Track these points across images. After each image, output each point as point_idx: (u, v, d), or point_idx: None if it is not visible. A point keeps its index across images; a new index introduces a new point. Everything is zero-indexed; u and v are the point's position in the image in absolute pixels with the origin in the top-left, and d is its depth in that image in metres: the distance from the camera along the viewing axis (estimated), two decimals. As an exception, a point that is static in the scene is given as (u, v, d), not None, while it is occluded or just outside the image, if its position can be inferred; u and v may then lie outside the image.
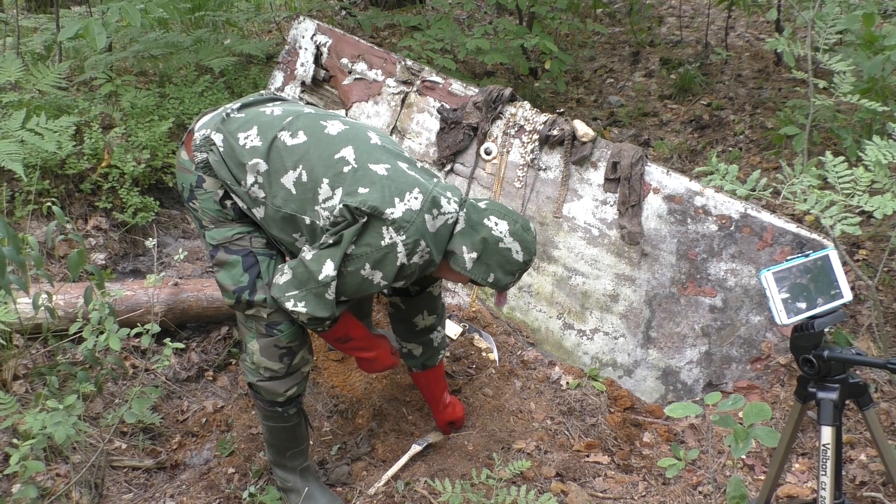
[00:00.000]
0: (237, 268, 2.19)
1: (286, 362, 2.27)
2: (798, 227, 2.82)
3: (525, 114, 3.20)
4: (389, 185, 2.04)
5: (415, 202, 2.05)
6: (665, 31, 6.27)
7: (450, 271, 2.22)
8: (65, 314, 2.82)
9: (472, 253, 2.12)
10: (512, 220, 2.14)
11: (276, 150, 2.11)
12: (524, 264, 2.16)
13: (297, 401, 2.38)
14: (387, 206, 2.01)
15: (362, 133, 2.18)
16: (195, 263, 3.63)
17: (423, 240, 2.06)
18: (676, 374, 2.97)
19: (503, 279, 2.15)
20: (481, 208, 2.16)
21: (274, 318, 2.22)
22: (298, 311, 2.10)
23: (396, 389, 3.00)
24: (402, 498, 2.49)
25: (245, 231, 2.20)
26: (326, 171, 2.06)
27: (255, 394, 2.35)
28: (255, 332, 2.25)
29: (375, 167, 2.07)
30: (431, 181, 2.14)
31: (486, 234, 2.11)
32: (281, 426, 2.38)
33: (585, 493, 2.51)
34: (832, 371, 1.72)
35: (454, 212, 2.14)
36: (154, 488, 2.62)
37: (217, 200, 2.18)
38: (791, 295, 1.71)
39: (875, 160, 2.34)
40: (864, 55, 3.30)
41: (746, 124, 4.63)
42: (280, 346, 2.25)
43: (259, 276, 2.20)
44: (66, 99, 3.85)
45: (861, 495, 2.45)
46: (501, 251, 2.12)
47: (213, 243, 2.21)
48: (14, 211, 3.34)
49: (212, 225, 2.21)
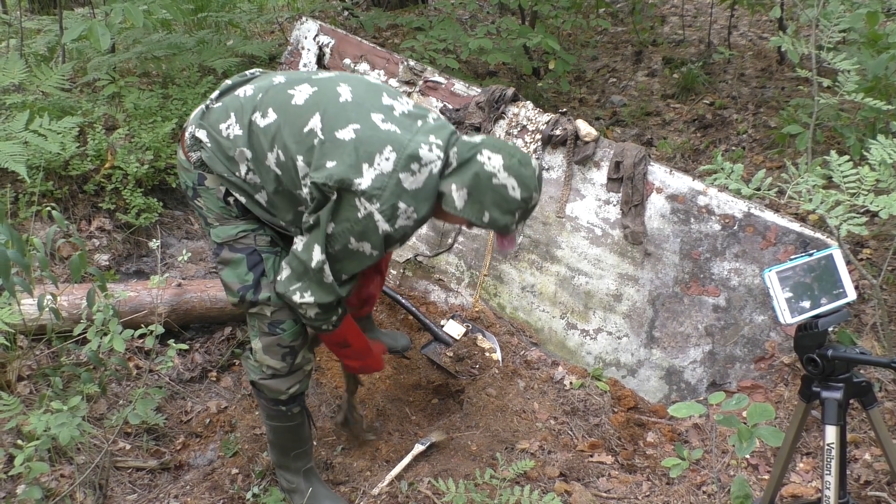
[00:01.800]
0: (242, 266, 2.18)
1: (288, 361, 2.27)
2: (802, 226, 2.82)
3: (528, 114, 3.20)
4: (357, 149, 1.93)
5: (386, 164, 1.93)
6: (668, 31, 6.26)
7: (445, 213, 2.07)
8: (69, 315, 2.83)
9: (463, 190, 1.97)
10: (507, 153, 1.97)
11: (254, 135, 2.06)
12: (523, 202, 1.98)
13: (300, 399, 2.37)
14: (354, 175, 1.91)
15: (331, 92, 2.04)
16: (198, 264, 3.63)
17: (401, 202, 1.94)
18: (680, 374, 2.96)
19: (501, 219, 1.99)
20: (474, 143, 2.00)
21: (277, 317, 2.21)
22: (307, 301, 2.07)
23: (399, 390, 3.00)
24: (406, 498, 2.49)
25: (249, 229, 2.19)
26: (299, 147, 1.99)
27: (258, 392, 2.35)
28: (258, 331, 2.25)
29: (342, 133, 1.95)
30: (410, 130, 1.99)
31: (477, 169, 1.96)
32: (284, 426, 2.38)
33: (589, 493, 2.51)
34: (836, 370, 1.72)
35: (438, 158, 1.99)
36: (158, 489, 2.63)
37: (220, 197, 2.16)
38: (795, 294, 1.71)
39: (880, 159, 2.33)
40: (867, 54, 3.30)
41: (749, 123, 4.63)
42: (283, 345, 2.24)
43: (263, 273, 2.19)
44: (69, 100, 3.86)
45: (865, 494, 2.44)
46: (496, 188, 1.95)
47: (218, 241, 2.19)
48: (18, 212, 3.35)
49: (217, 222, 2.19)
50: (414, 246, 3.43)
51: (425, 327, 3.18)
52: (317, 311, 2.11)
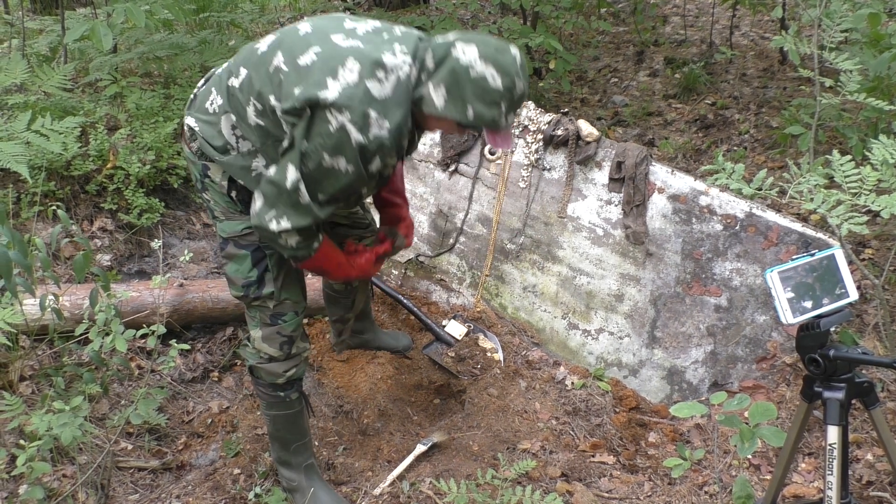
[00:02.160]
0: (246, 262, 2.20)
1: (286, 350, 2.31)
2: (803, 226, 2.81)
3: (529, 114, 3.19)
4: (320, 67, 1.89)
5: (350, 74, 1.86)
6: (669, 31, 6.26)
7: (430, 119, 1.99)
8: (71, 315, 2.83)
9: (441, 88, 1.89)
10: (482, 42, 1.88)
11: (233, 98, 2.04)
12: (506, 91, 1.87)
13: (298, 385, 2.40)
14: (320, 90, 1.86)
15: (292, 31, 2.02)
16: (200, 264, 3.64)
17: (371, 110, 1.87)
18: (682, 374, 2.96)
19: (486, 112, 1.88)
20: (447, 41, 1.91)
21: (279, 310, 2.25)
22: (284, 228, 1.98)
23: (401, 390, 3.00)
24: (408, 498, 2.49)
25: None
26: (269, 88, 1.95)
27: (256, 379, 2.38)
28: (259, 321, 2.28)
29: (304, 58, 1.92)
30: (374, 43, 1.93)
31: (452, 64, 1.87)
32: (283, 414, 2.39)
33: (591, 493, 2.51)
34: (838, 370, 1.71)
35: (405, 62, 1.92)
36: (160, 489, 2.63)
37: (225, 192, 2.16)
38: (797, 294, 1.71)
39: (882, 159, 2.33)
40: (869, 54, 3.29)
41: (751, 123, 4.62)
42: (282, 335, 2.28)
43: (267, 269, 2.21)
44: (71, 100, 3.86)
45: (867, 495, 2.44)
46: (475, 80, 1.85)
47: (224, 235, 2.21)
48: (20, 212, 3.35)
49: (223, 216, 2.20)
50: (416, 246, 3.43)
51: (427, 327, 3.18)
52: (297, 240, 2.02)
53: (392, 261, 3.47)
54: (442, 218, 3.37)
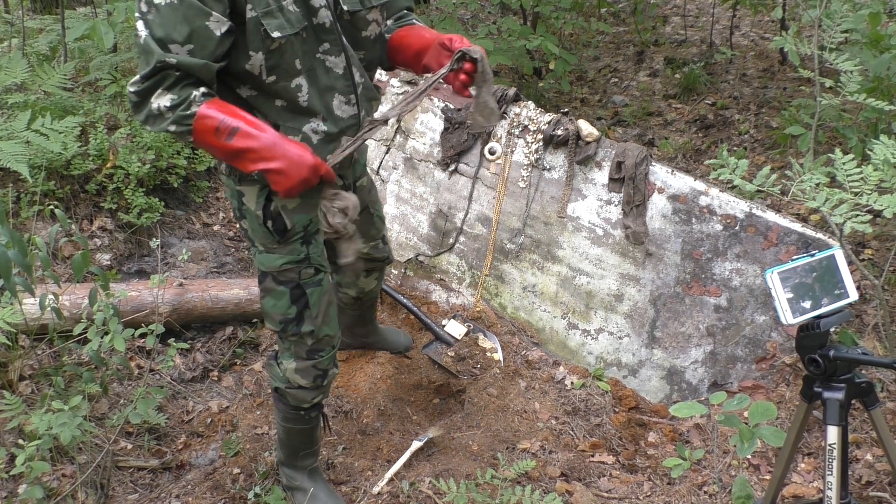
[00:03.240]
0: (285, 299, 2.11)
1: (318, 382, 2.24)
2: (803, 226, 2.81)
3: (529, 113, 3.20)
4: None
5: None
6: (669, 31, 6.26)
7: None
8: (70, 315, 2.83)
9: None
10: None
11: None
12: None
13: (320, 405, 2.37)
14: None
15: None
16: (200, 264, 3.64)
17: None
18: (681, 374, 2.96)
19: None
20: None
21: (317, 346, 2.17)
22: (134, 80, 1.71)
23: (401, 389, 3.00)
24: (407, 498, 2.49)
25: (294, 261, 2.09)
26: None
27: (280, 397, 2.31)
28: (294, 355, 2.20)
29: None
30: None
31: None
32: (299, 428, 2.36)
33: (590, 493, 2.51)
34: (838, 371, 1.71)
35: None
36: (160, 488, 2.63)
37: (261, 222, 2.04)
38: (796, 294, 1.71)
39: (883, 159, 2.33)
40: (869, 54, 3.30)
41: (751, 124, 4.62)
42: (318, 368, 2.21)
43: (307, 306, 2.11)
44: (71, 100, 3.86)
45: (867, 495, 2.44)
46: None
47: (262, 269, 2.11)
48: (20, 212, 3.35)
49: (262, 248, 2.09)
50: (415, 246, 3.43)
51: (427, 327, 3.18)
52: (171, 99, 1.70)
53: (393, 262, 3.47)
54: (442, 218, 3.37)
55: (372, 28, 1.99)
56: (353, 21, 1.94)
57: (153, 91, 1.71)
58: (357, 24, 1.95)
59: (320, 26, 1.84)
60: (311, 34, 1.83)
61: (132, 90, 1.72)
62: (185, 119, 1.71)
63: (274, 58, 1.80)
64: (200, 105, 1.71)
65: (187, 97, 1.70)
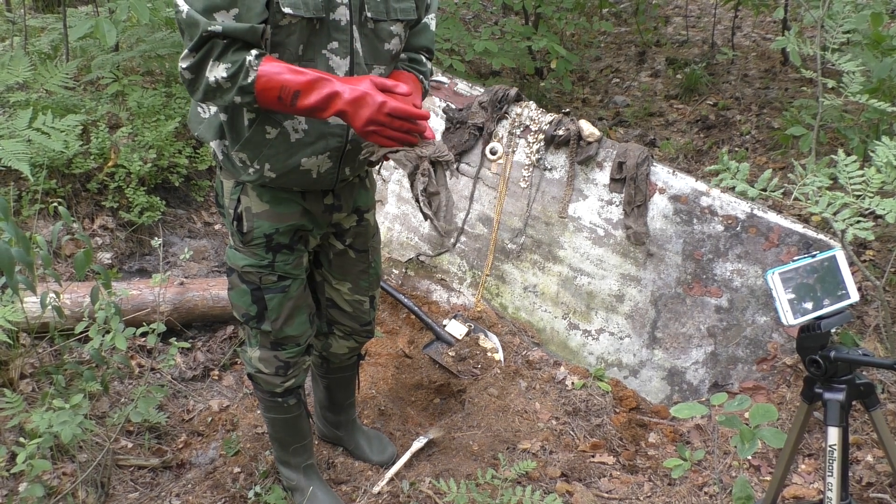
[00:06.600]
0: (246, 297, 2.13)
1: (282, 372, 2.26)
2: (804, 227, 2.81)
3: (530, 114, 3.19)
4: None
5: None
6: (671, 31, 6.26)
7: None
8: (71, 313, 2.83)
9: None
10: None
11: None
12: None
13: (297, 392, 2.37)
14: None
15: None
16: (201, 263, 3.64)
17: None
18: (682, 375, 2.96)
19: None
20: None
21: (279, 342, 2.19)
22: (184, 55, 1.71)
23: (401, 389, 3.00)
24: (407, 498, 2.49)
25: (255, 265, 2.08)
26: None
27: (255, 384, 2.35)
28: (258, 343, 2.22)
29: None
30: None
31: None
32: (281, 418, 2.38)
33: (591, 493, 2.51)
34: (839, 372, 1.71)
35: None
36: (160, 487, 2.63)
37: (231, 218, 2.06)
38: (797, 295, 1.71)
39: (886, 161, 2.32)
40: (870, 55, 3.29)
41: (753, 124, 4.62)
42: (280, 360, 2.23)
43: (266, 308, 2.12)
44: (72, 98, 3.86)
45: (867, 496, 2.44)
46: None
47: (229, 264, 2.14)
48: (21, 210, 3.35)
49: (232, 243, 2.13)
50: (416, 246, 3.43)
51: (427, 327, 3.18)
52: (226, 69, 1.69)
53: (393, 260, 3.47)
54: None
55: (394, 42, 1.95)
56: (375, 31, 1.90)
57: (204, 63, 1.70)
58: (380, 34, 1.91)
59: (335, 23, 1.82)
60: (323, 27, 1.81)
61: (183, 66, 1.71)
62: (248, 88, 1.70)
63: (280, 35, 1.77)
64: (257, 70, 1.69)
65: (242, 63, 1.69)
